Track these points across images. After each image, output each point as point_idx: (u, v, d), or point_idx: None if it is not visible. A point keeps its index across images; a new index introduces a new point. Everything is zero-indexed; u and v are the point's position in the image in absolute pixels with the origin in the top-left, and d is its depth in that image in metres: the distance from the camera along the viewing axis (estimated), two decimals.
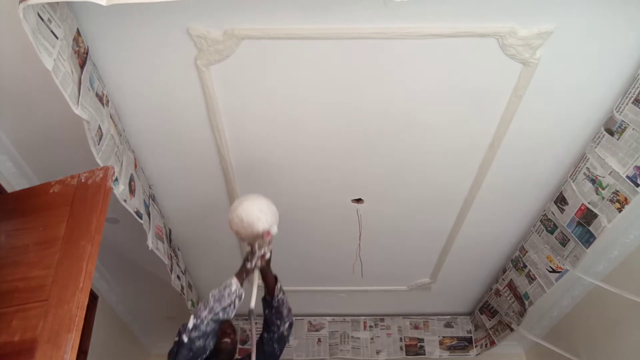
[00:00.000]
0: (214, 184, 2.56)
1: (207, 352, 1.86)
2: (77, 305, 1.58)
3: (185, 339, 1.82)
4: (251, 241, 2.00)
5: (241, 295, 1.90)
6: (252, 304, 1.91)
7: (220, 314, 1.85)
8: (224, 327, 2.15)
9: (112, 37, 1.78)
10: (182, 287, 2.97)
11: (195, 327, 1.83)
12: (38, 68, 1.47)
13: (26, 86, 1.91)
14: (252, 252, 1.96)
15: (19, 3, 1.33)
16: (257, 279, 1.99)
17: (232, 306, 1.87)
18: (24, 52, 1.66)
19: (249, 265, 1.94)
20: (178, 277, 2.87)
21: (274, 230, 1.97)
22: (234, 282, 1.90)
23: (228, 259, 3.23)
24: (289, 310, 2.17)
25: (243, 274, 1.95)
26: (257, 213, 1.97)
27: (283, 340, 2.16)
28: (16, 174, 2.32)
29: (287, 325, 2.15)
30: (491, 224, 2.90)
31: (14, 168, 2.29)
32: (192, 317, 1.85)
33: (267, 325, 2.16)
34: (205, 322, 1.83)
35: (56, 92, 1.56)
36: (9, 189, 2.25)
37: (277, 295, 2.12)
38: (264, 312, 2.18)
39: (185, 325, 1.85)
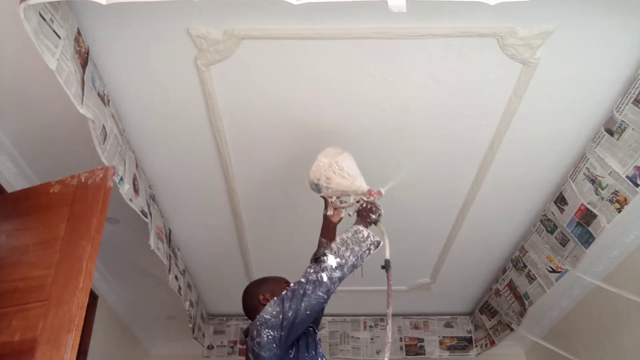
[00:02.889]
0: (214, 184, 2.56)
1: (327, 304, 1.64)
2: (77, 305, 1.58)
3: (325, 278, 1.57)
4: (333, 193, 1.91)
5: (378, 243, 1.70)
6: (388, 254, 1.71)
7: (359, 260, 1.66)
8: None
9: (112, 37, 1.78)
10: (180, 288, 2.97)
11: (340, 267, 1.60)
12: (38, 68, 1.47)
13: (26, 86, 1.91)
14: (374, 204, 1.80)
15: (20, 3, 1.33)
16: (384, 229, 1.78)
17: (367, 252, 1.68)
18: (25, 53, 1.66)
19: (373, 217, 1.77)
20: (176, 277, 2.87)
21: (384, 191, 1.85)
22: (363, 229, 1.71)
23: (228, 258, 3.23)
24: None
25: (366, 225, 1.77)
26: (357, 169, 1.89)
27: (324, 309, 2.05)
28: (16, 174, 2.32)
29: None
30: (491, 223, 2.90)
31: (14, 168, 2.29)
32: (331, 256, 1.61)
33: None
34: (349, 264, 1.62)
35: (56, 92, 1.56)
36: (9, 189, 2.25)
37: None
38: None
39: (320, 264, 1.60)
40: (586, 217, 2.34)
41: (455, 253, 3.17)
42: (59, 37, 1.51)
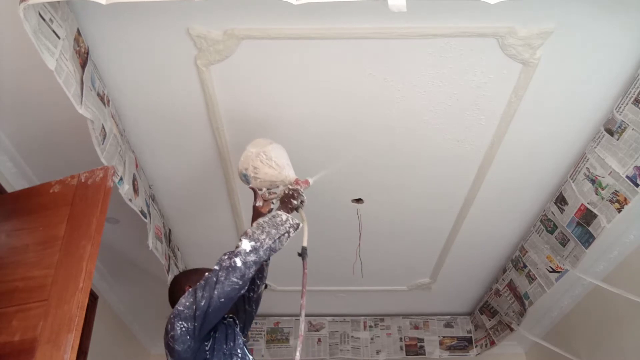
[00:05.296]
0: (214, 184, 2.56)
1: (245, 290, 1.59)
2: (77, 305, 1.58)
3: (239, 262, 1.53)
4: (262, 184, 1.88)
5: (297, 225, 1.68)
6: (305, 242, 1.72)
7: (277, 243, 1.61)
8: None
9: (112, 37, 1.78)
10: None
11: (254, 250, 1.56)
12: (38, 68, 1.47)
13: (26, 86, 1.91)
14: (297, 191, 1.79)
15: (20, 3, 1.33)
16: (305, 216, 1.79)
17: (286, 236, 1.64)
18: (25, 52, 1.66)
19: (295, 203, 1.76)
20: None
21: (312, 181, 1.84)
22: (282, 213, 1.68)
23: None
24: (268, 270, 2.01)
25: (287, 211, 1.75)
26: (287, 160, 1.88)
27: (258, 303, 2.01)
28: (16, 174, 2.32)
29: (263, 286, 2.00)
30: (491, 223, 2.90)
31: (14, 168, 2.29)
32: (245, 240, 1.58)
33: (249, 285, 1.91)
34: (264, 246, 1.58)
35: (56, 93, 1.56)
36: (9, 189, 2.25)
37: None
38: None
39: (234, 251, 1.57)
40: (586, 217, 2.34)
41: (455, 253, 3.17)
42: (59, 37, 1.51)
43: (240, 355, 1.67)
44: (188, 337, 1.53)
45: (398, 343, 4.03)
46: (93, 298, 3.22)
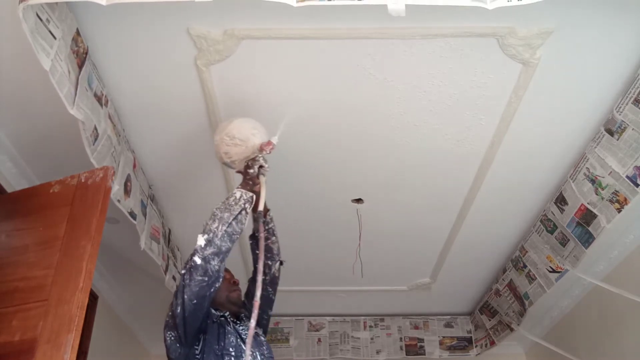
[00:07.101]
0: (214, 184, 2.56)
1: (219, 282, 1.63)
2: (77, 305, 1.58)
3: (198, 260, 1.57)
4: (241, 164, 1.87)
5: (251, 198, 1.70)
6: (262, 206, 1.74)
7: (235, 225, 1.64)
8: (229, 277, 1.97)
9: (112, 37, 1.78)
10: None
11: (209, 242, 1.60)
12: (38, 68, 1.47)
13: (26, 86, 1.91)
14: (253, 159, 1.80)
15: (19, 3, 1.33)
16: (264, 183, 1.79)
17: (243, 213, 1.67)
18: (24, 53, 1.66)
19: (251, 172, 1.77)
20: (174, 277, 2.86)
21: (275, 140, 1.82)
22: (237, 190, 1.73)
23: (227, 258, 3.23)
24: (279, 247, 2.01)
25: (247, 184, 1.77)
26: (251, 130, 1.84)
27: (276, 282, 2.02)
28: (16, 174, 2.32)
29: (277, 264, 2.00)
30: (491, 223, 2.90)
31: (14, 168, 2.29)
32: (199, 235, 1.62)
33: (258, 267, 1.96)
34: (219, 234, 1.61)
35: (56, 93, 1.56)
36: (9, 189, 2.25)
37: (267, 227, 1.93)
38: (252, 253, 1.99)
39: (194, 249, 1.61)
40: (586, 217, 2.34)
41: (455, 253, 3.17)
42: (55, 38, 1.51)
43: (233, 353, 1.66)
44: (178, 344, 1.60)
45: (398, 343, 4.03)
46: (93, 298, 3.22)
